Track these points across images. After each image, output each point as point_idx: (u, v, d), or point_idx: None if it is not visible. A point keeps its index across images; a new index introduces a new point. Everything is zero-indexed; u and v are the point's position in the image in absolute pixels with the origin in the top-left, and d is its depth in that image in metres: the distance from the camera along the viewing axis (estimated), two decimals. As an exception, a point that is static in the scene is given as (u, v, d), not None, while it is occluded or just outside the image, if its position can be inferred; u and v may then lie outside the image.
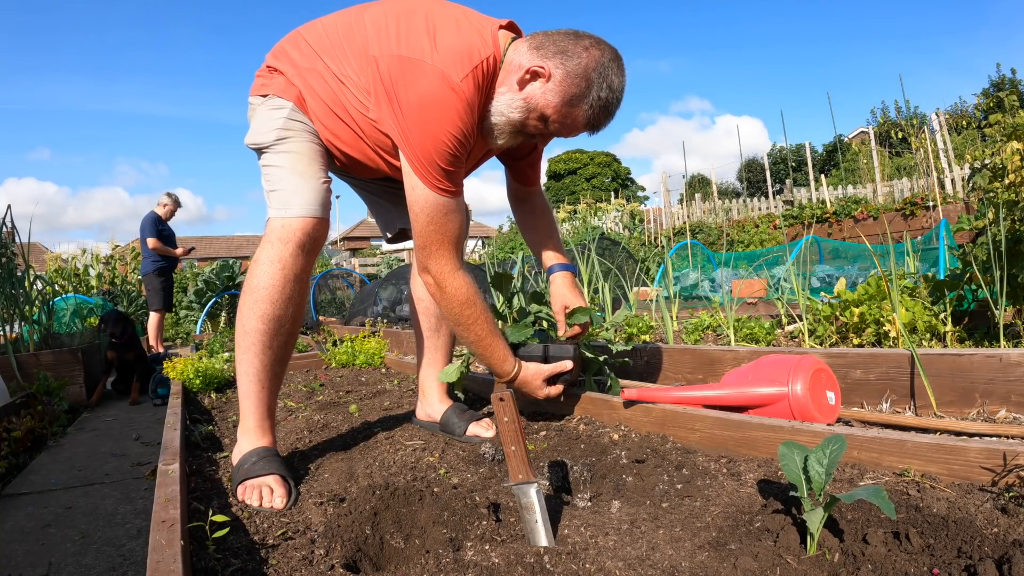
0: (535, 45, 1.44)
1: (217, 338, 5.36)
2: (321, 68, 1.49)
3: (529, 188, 1.91)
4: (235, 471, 1.47)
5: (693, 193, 15.91)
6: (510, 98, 1.45)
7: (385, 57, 1.39)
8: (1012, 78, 21.88)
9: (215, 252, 36.03)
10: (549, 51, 1.42)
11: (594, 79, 1.40)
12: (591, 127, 1.48)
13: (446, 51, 1.37)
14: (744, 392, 1.60)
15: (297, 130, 1.52)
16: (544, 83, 1.42)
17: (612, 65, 1.42)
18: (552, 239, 1.92)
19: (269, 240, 1.48)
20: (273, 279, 1.46)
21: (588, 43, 1.42)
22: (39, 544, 1.59)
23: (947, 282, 2.24)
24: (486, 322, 1.57)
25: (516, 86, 1.44)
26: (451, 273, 1.51)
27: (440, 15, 1.45)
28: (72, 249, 11.16)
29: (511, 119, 1.47)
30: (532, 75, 1.42)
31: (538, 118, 1.46)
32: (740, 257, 7.03)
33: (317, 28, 1.55)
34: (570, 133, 1.50)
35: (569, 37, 1.44)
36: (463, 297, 1.53)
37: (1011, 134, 2.49)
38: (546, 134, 1.51)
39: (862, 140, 19.21)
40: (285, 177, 1.50)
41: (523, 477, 1.13)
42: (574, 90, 1.40)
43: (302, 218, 1.48)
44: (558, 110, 1.43)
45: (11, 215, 4.28)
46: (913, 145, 10.57)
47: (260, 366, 1.50)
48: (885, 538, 0.91)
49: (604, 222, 13.53)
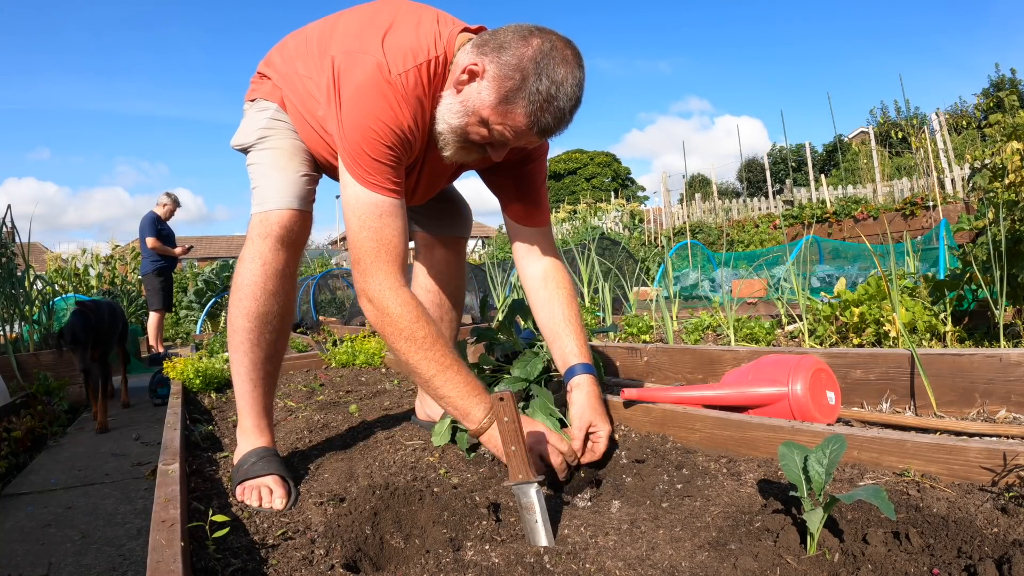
0: (477, 43, 1.31)
1: (217, 338, 5.36)
2: (294, 72, 1.48)
3: (528, 229, 1.61)
4: (234, 471, 1.47)
5: (693, 193, 15.91)
6: (450, 102, 1.32)
7: (339, 54, 1.34)
8: (1012, 78, 21.85)
9: (215, 252, 36.01)
10: (488, 47, 1.27)
11: (530, 70, 1.22)
12: (538, 128, 1.26)
13: (392, 47, 1.31)
14: (744, 392, 1.60)
15: (279, 128, 1.51)
16: (479, 81, 1.27)
17: (554, 54, 1.23)
18: (573, 324, 1.54)
19: (250, 237, 1.48)
20: (255, 276, 1.45)
21: (528, 33, 1.26)
22: (39, 544, 1.60)
23: (947, 282, 2.24)
24: (446, 346, 1.31)
25: (455, 89, 1.31)
26: (392, 289, 1.29)
27: (405, 15, 1.38)
28: (72, 249, 11.17)
29: (452, 125, 1.33)
30: (469, 75, 1.28)
31: (478, 122, 1.30)
32: (740, 257, 7.04)
33: (300, 34, 1.55)
34: (518, 139, 1.30)
35: (511, 31, 1.28)
36: (412, 316, 1.28)
37: (1011, 134, 2.49)
38: (494, 143, 1.33)
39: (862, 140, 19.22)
40: (265, 173, 1.50)
41: (523, 477, 1.13)
42: (508, 84, 1.23)
43: (279, 211, 1.45)
44: (495, 109, 1.26)
45: (11, 215, 4.29)
46: (913, 145, 10.57)
47: (250, 364, 1.49)
48: (885, 538, 0.91)
49: (604, 222, 13.53)
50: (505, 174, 1.59)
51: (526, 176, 1.58)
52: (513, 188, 1.60)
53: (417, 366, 1.29)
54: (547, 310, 1.56)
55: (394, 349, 1.31)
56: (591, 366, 1.51)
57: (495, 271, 4.90)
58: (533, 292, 1.60)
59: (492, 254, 13.32)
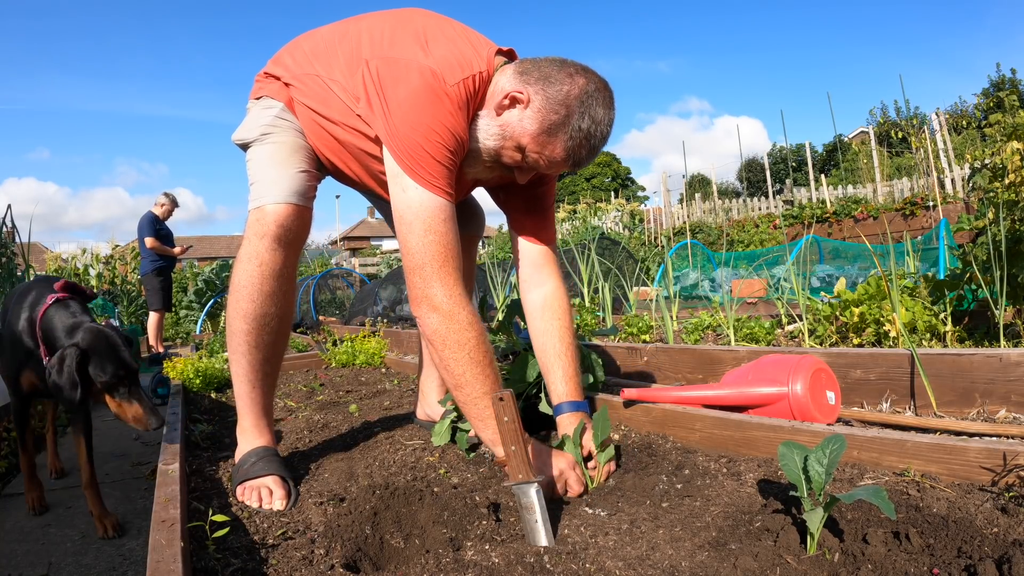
0: (520, 71, 1.36)
1: (217, 338, 5.36)
2: (312, 73, 1.47)
3: (534, 245, 1.61)
4: (234, 471, 1.47)
5: (693, 193, 15.91)
6: (487, 123, 1.36)
7: (375, 59, 1.35)
8: (1012, 78, 21.87)
9: (215, 252, 36.03)
10: (532, 76, 1.32)
11: (575, 108, 1.30)
12: (572, 161, 1.35)
13: (439, 58, 1.32)
14: (744, 392, 1.60)
15: (283, 127, 1.50)
16: (522, 110, 1.32)
17: (597, 95, 1.32)
18: (564, 358, 1.53)
19: (247, 237, 1.45)
20: (251, 277, 1.43)
21: (573, 70, 1.33)
22: (39, 544, 1.60)
23: (947, 282, 2.24)
24: (495, 377, 1.30)
25: (495, 112, 1.35)
26: (462, 298, 1.29)
27: (435, 29, 1.41)
28: (72, 249, 11.19)
29: (486, 147, 1.37)
30: (511, 101, 1.33)
31: (514, 147, 1.35)
32: (740, 257, 7.04)
33: (315, 36, 1.55)
34: (549, 168, 1.38)
35: (555, 64, 1.34)
36: (479, 329, 1.29)
37: (1011, 134, 2.49)
38: (523, 167, 1.39)
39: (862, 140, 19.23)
40: (263, 168, 1.47)
41: (523, 477, 1.13)
42: (553, 118, 1.30)
43: (276, 206, 1.42)
44: (535, 139, 1.32)
45: (11, 215, 4.28)
46: (913, 145, 10.58)
47: (248, 366, 1.49)
48: (885, 538, 0.91)
49: (604, 222, 13.52)
50: (517, 194, 1.61)
51: (537, 197, 1.61)
52: (522, 207, 1.61)
53: (472, 382, 1.28)
54: (541, 341, 1.58)
55: (449, 360, 1.28)
56: (580, 403, 1.52)
57: (495, 271, 4.89)
58: (531, 319, 1.61)
59: (492, 254, 13.31)
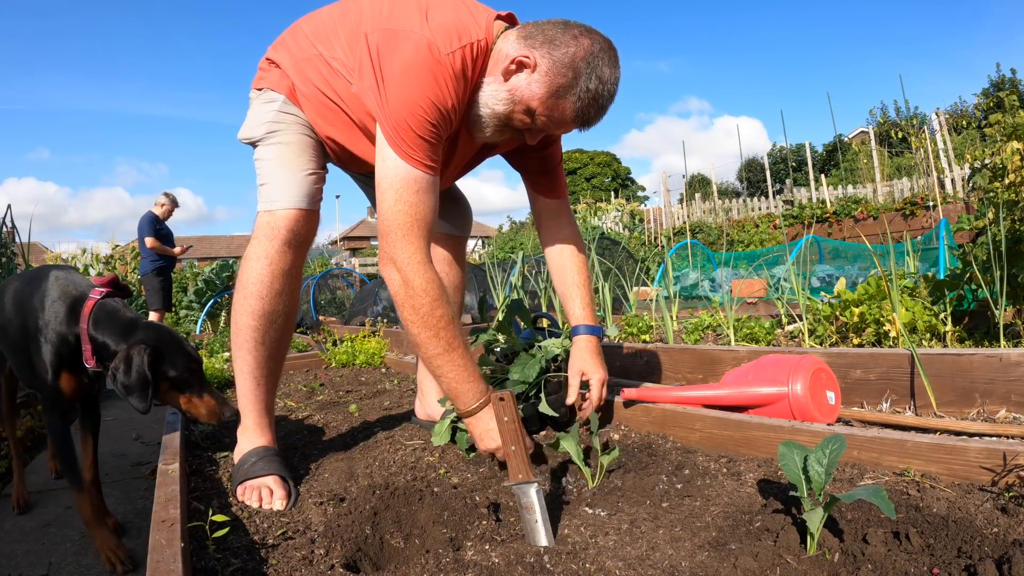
0: (524, 35, 1.37)
1: (217, 338, 5.36)
2: (314, 55, 1.47)
3: (549, 200, 1.74)
4: (235, 471, 1.47)
5: (693, 193, 15.91)
6: (495, 89, 1.38)
7: (375, 31, 1.36)
8: (1012, 78, 21.86)
9: (215, 252, 36.02)
10: (537, 40, 1.34)
11: (582, 69, 1.32)
12: (581, 121, 1.39)
13: (437, 26, 1.33)
14: (744, 392, 1.60)
15: (288, 123, 1.51)
16: (530, 74, 1.34)
17: (603, 55, 1.34)
18: (581, 289, 1.70)
19: (257, 236, 1.48)
20: (261, 275, 1.46)
21: (577, 32, 1.35)
22: (39, 544, 1.59)
23: (947, 282, 2.24)
24: (456, 329, 1.36)
25: (501, 77, 1.37)
26: (421, 264, 1.32)
27: None
28: (72, 249, 11.20)
29: (496, 111, 1.39)
30: (518, 65, 1.35)
31: (524, 111, 1.38)
32: (740, 257, 7.03)
33: (315, 17, 1.55)
34: (559, 128, 1.42)
35: (558, 26, 1.36)
36: (434, 294, 1.32)
37: (1011, 134, 2.49)
38: (533, 129, 1.42)
39: (862, 140, 19.22)
40: (273, 170, 1.50)
41: (523, 477, 1.13)
42: (561, 80, 1.32)
43: (287, 211, 1.47)
44: (544, 102, 1.35)
45: (11, 215, 4.27)
46: (913, 145, 10.57)
47: (254, 363, 1.50)
48: (885, 538, 0.91)
49: (604, 222, 13.52)
50: (528, 155, 1.70)
51: (546, 157, 1.71)
52: (536, 168, 1.72)
53: (426, 343, 1.34)
54: (560, 274, 1.73)
55: (406, 320, 1.34)
56: (595, 328, 1.65)
57: (495, 271, 4.89)
58: (551, 258, 1.75)
59: (492, 254, 13.31)
